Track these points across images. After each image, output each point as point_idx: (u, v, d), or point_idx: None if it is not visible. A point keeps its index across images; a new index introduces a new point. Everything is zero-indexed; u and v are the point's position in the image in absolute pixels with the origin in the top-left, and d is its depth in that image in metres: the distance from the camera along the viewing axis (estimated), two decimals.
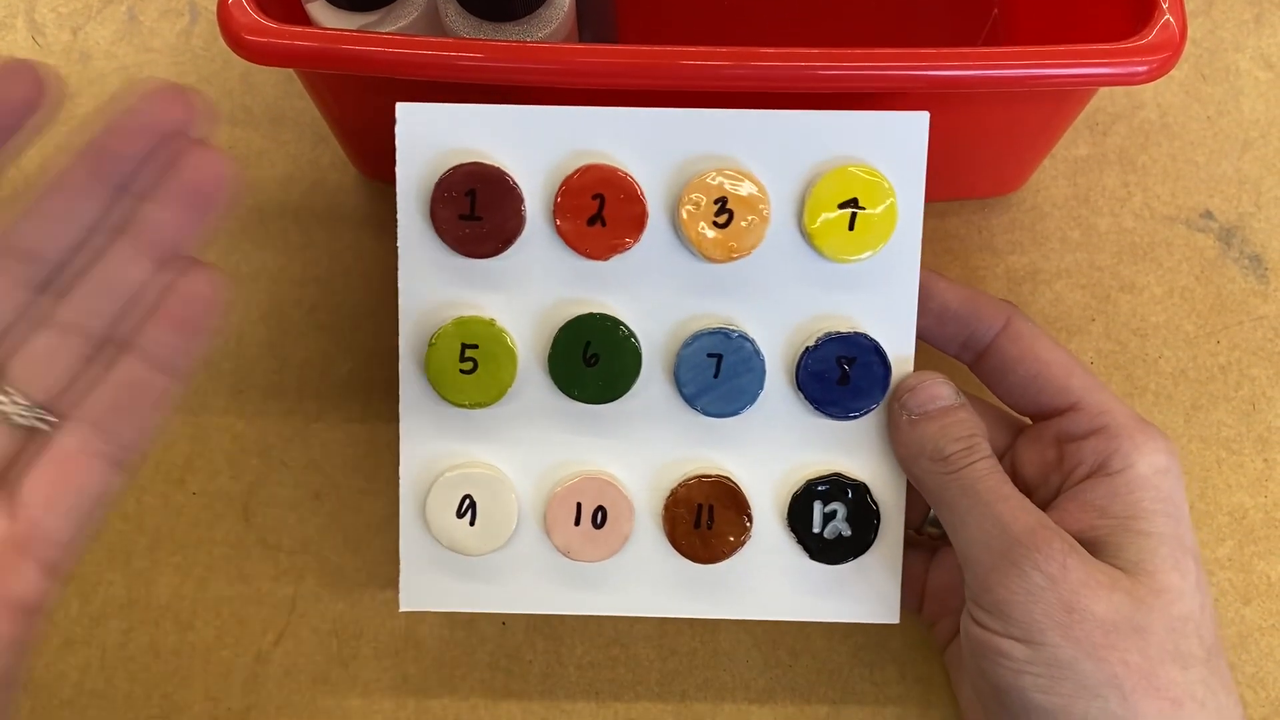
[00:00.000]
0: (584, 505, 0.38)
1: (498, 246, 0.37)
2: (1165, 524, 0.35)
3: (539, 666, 0.42)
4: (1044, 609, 0.33)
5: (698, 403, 0.37)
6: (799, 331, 0.37)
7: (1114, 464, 0.35)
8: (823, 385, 0.37)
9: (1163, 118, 0.49)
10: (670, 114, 0.36)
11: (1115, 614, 0.33)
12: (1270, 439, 0.44)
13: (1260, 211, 0.47)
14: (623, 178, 0.36)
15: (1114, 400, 0.37)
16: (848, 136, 0.36)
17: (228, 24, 0.35)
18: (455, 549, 0.38)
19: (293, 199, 0.48)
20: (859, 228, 0.36)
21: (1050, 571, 0.33)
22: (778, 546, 0.38)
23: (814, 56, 0.35)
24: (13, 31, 0.51)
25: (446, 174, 0.36)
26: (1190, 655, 0.33)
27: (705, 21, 0.49)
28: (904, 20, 0.49)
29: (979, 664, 0.35)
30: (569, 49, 0.36)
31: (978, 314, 0.38)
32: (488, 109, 0.36)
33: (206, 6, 0.51)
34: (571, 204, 0.36)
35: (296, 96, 0.49)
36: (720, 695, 0.42)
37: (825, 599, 0.39)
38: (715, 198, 0.36)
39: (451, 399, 0.37)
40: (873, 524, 0.38)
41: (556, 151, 0.36)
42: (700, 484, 0.38)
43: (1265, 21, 0.50)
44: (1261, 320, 0.46)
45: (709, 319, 0.37)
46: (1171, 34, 0.35)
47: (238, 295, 0.47)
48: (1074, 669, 0.33)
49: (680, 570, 0.38)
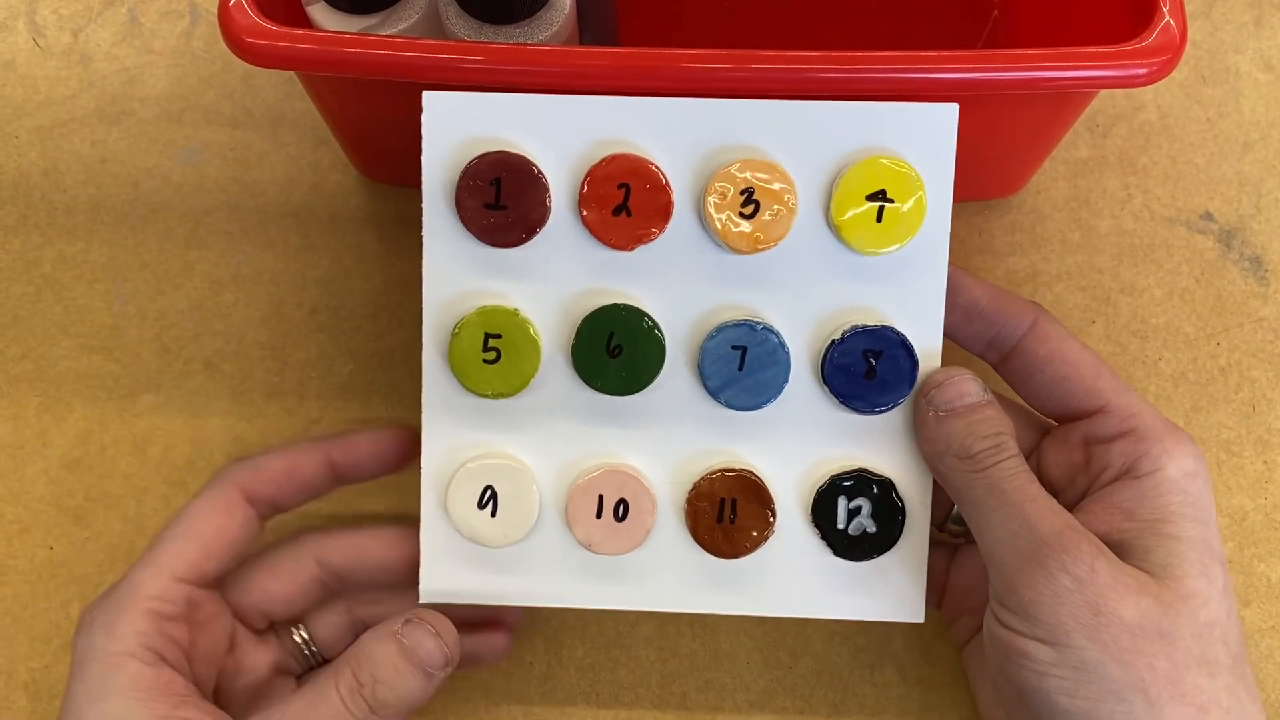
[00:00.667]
0: (606, 498, 0.38)
1: (522, 236, 0.37)
2: (1193, 528, 0.34)
3: (539, 668, 0.42)
4: (1071, 611, 0.33)
5: (722, 395, 0.37)
6: (825, 324, 0.37)
7: (1143, 467, 0.35)
8: (849, 379, 0.37)
9: (1163, 119, 0.49)
10: (697, 104, 0.36)
11: (1142, 618, 0.33)
12: (1270, 441, 0.44)
13: (1260, 213, 0.47)
14: (649, 167, 0.36)
15: (1142, 403, 0.37)
16: (876, 127, 0.36)
17: (228, 27, 0.35)
18: (476, 540, 0.38)
19: (293, 201, 0.48)
20: (887, 220, 0.36)
21: (1078, 574, 0.33)
22: (801, 542, 0.38)
23: (814, 59, 0.35)
24: (13, 33, 0.51)
25: (472, 163, 0.36)
26: (1217, 662, 0.33)
27: (706, 24, 0.49)
28: (904, 22, 0.49)
29: (1003, 665, 0.34)
30: (570, 52, 0.36)
31: (1005, 313, 0.38)
32: (514, 98, 0.36)
33: (207, 9, 0.51)
34: (597, 193, 0.36)
35: (297, 98, 0.49)
36: (720, 697, 0.42)
37: (848, 596, 0.38)
38: (742, 188, 0.36)
39: (474, 389, 0.37)
40: (898, 521, 0.37)
41: (582, 141, 0.36)
42: (723, 478, 0.37)
43: (1265, 23, 0.50)
44: (1261, 322, 0.46)
45: (734, 311, 0.37)
46: (1172, 36, 0.35)
47: (238, 296, 0.47)
48: (1100, 672, 0.32)
49: (702, 565, 0.38)
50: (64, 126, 0.49)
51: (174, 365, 0.46)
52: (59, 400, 0.45)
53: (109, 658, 0.35)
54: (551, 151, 0.36)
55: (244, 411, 0.45)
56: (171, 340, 0.46)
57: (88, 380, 0.46)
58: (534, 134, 0.36)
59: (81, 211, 0.48)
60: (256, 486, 0.39)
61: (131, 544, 0.44)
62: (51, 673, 0.42)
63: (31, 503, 0.44)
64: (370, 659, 0.36)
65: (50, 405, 0.45)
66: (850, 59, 0.35)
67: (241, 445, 0.45)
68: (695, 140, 0.36)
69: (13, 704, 0.42)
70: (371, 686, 0.35)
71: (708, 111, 0.36)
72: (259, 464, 0.39)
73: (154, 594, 0.36)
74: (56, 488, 0.44)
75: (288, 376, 0.46)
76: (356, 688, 0.35)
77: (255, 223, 0.48)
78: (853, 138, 0.36)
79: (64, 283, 0.47)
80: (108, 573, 0.43)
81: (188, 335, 0.46)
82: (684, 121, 0.36)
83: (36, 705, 0.42)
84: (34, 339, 0.46)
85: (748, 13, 0.49)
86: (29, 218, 0.48)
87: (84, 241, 0.47)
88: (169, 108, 0.49)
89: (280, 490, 0.39)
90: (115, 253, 0.47)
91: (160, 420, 0.45)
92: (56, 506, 0.44)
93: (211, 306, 0.46)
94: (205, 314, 0.46)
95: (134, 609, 0.36)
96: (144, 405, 0.45)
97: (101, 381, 0.46)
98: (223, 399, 0.45)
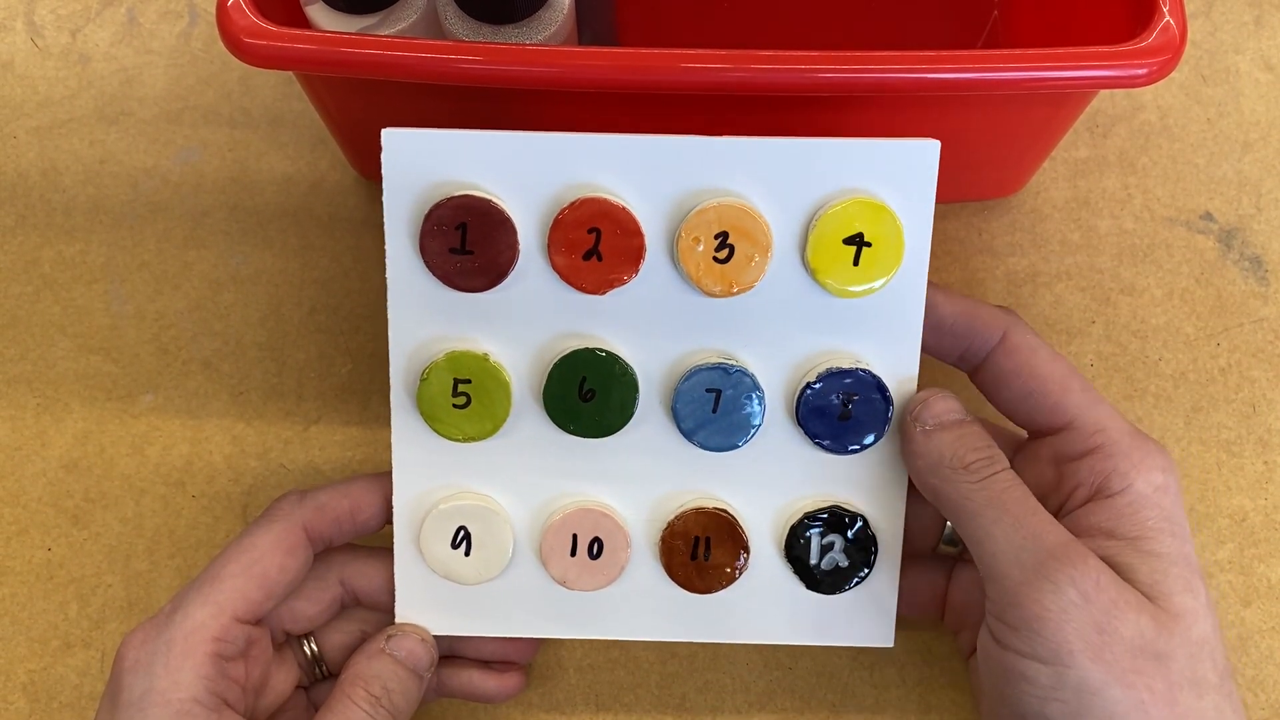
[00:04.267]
0: (580, 536, 0.38)
1: (490, 281, 0.36)
2: (1172, 543, 0.34)
3: (538, 670, 0.42)
4: (1075, 628, 0.32)
5: (696, 437, 0.37)
6: (800, 367, 0.37)
7: (1113, 485, 0.35)
8: (823, 420, 0.37)
9: (1163, 120, 0.48)
10: (670, 141, 0.35)
11: (1140, 638, 0.32)
12: (1270, 441, 0.44)
13: (1260, 213, 0.47)
14: (620, 210, 0.35)
15: (1110, 415, 0.36)
16: (854, 166, 0.35)
17: (227, 27, 0.35)
18: (450, 578, 0.38)
19: (292, 201, 0.48)
20: (864, 263, 0.35)
21: (1085, 588, 0.32)
22: (775, 577, 0.38)
23: (814, 59, 0.35)
24: (12, 33, 0.51)
25: (436, 206, 0.35)
26: (1205, 681, 0.33)
27: (705, 24, 0.49)
28: (904, 22, 0.49)
29: (999, 688, 0.34)
30: (568, 52, 0.36)
31: (974, 327, 0.37)
32: (479, 136, 0.35)
33: (206, 9, 0.51)
34: (565, 238, 0.35)
35: (295, 99, 0.49)
36: (720, 698, 0.42)
37: (821, 625, 0.39)
38: (716, 232, 0.35)
39: (444, 433, 0.37)
40: (870, 555, 0.38)
41: (551, 182, 0.35)
42: (697, 515, 0.37)
43: (1265, 23, 0.50)
44: (1262, 322, 0.46)
45: (708, 353, 0.37)
46: (1171, 36, 0.35)
47: (236, 297, 0.47)
48: (1102, 695, 0.32)
49: (677, 599, 0.38)
50: (62, 127, 0.49)
51: (173, 366, 0.46)
52: (57, 401, 0.45)
53: (175, 704, 0.34)
54: (520, 193, 0.35)
55: (242, 412, 0.45)
56: (170, 341, 0.46)
57: (86, 381, 0.46)
58: (501, 174, 0.35)
59: (80, 212, 0.48)
60: (320, 526, 0.38)
61: (130, 544, 0.44)
62: (49, 674, 0.42)
63: (30, 504, 0.44)
64: (377, 675, 0.37)
65: (49, 406, 0.45)
66: (850, 59, 0.35)
67: (240, 446, 0.45)
68: (668, 181, 0.35)
69: (11, 704, 0.42)
70: (387, 696, 0.36)
71: (681, 150, 0.35)
72: (323, 503, 0.38)
73: (217, 635, 0.35)
74: (55, 489, 0.44)
75: (286, 377, 0.46)
76: (375, 700, 0.36)
77: (254, 223, 0.48)
78: (830, 177, 0.35)
79: (62, 283, 0.47)
80: (106, 573, 0.43)
81: (186, 336, 0.46)
82: (657, 161, 0.35)
83: (35, 706, 0.42)
84: (32, 340, 0.46)
85: (747, 13, 0.49)
86: (27, 218, 0.48)
87: (82, 242, 0.47)
88: (167, 108, 0.49)
89: (339, 531, 0.38)
90: (114, 253, 0.47)
91: (159, 421, 0.45)
92: (55, 507, 0.44)
93: (210, 307, 0.46)
94: (204, 314, 0.46)
95: (198, 652, 0.35)
96: (142, 406, 0.45)
97: (100, 382, 0.46)
98: (221, 399, 0.45)
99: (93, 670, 0.42)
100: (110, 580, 0.43)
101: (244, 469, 0.44)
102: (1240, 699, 0.34)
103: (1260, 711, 0.41)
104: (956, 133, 0.41)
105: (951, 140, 0.36)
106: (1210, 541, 0.43)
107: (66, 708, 0.42)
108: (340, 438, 0.45)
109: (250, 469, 0.44)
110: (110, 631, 0.43)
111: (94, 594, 0.43)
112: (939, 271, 0.46)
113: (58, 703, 0.42)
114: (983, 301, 0.38)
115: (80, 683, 0.42)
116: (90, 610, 0.43)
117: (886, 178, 0.35)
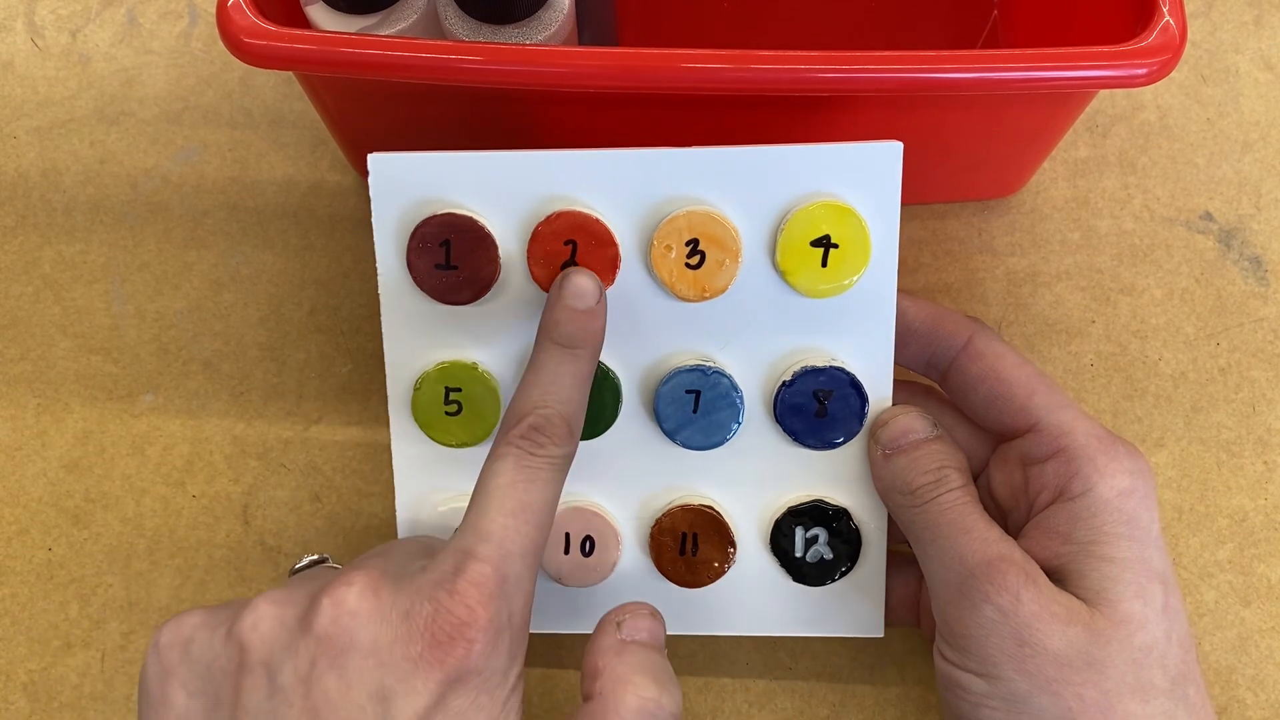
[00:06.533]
0: (572, 535, 0.39)
1: (475, 294, 0.37)
2: (1128, 548, 0.34)
3: (539, 670, 0.42)
4: (997, 642, 0.33)
5: (678, 437, 0.38)
6: (775, 366, 0.38)
7: (1074, 488, 0.35)
8: (801, 418, 0.38)
9: (1163, 119, 0.48)
10: (639, 154, 0.36)
11: (1069, 648, 0.33)
12: (1270, 441, 0.44)
13: (1260, 213, 0.47)
14: (594, 222, 0.36)
15: (1078, 419, 0.36)
16: (819, 170, 0.36)
17: (227, 27, 0.35)
18: None
19: (292, 201, 0.48)
20: (832, 264, 0.36)
21: (1001, 604, 0.33)
22: (762, 570, 0.39)
23: (814, 59, 0.35)
24: (12, 34, 0.51)
25: (420, 225, 0.36)
26: (1151, 686, 0.33)
27: (705, 24, 0.49)
28: (904, 22, 0.49)
29: (944, 695, 0.35)
30: (568, 52, 0.36)
31: (939, 333, 0.38)
32: (460, 157, 0.36)
33: (206, 9, 0.51)
34: (543, 250, 0.36)
35: (296, 99, 0.49)
36: (720, 697, 0.42)
37: (810, 616, 0.40)
38: (687, 239, 0.36)
39: (439, 439, 0.38)
40: (854, 547, 0.38)
41: (529, 197, 0.36)
42: (684, 512, 0.38)
43: (1265, 23, 0.50)
44: (1261, 322, 0.46)
45: (686, 356, 0.38)
46: (1171, 36, 0.35)
47: (237, 297, 0.47)
48: (1029, 704, 0.33)
49: (667, 593, 0.39)
50: (63, 127, 0.49)
51: (173, 366, 0.46)
52: (58, 401, 0.45)
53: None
54: (499, 209, 0.37)
55: (243, 412, 0.45)
56: (170, 341, 0.46)
57: (87, 381, 0.46)
58: (481, 192, 0.36)
59: (80, 212, 0.48)
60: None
61: (130, 544, 0.44)
62: (50, 674, 0.42)
63: (30, 504, 0.44)
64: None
65: (49, 406, 0.45)
66: (850, 59, 0.35)
67: (240, 446, 0.45)
68: (639, 192, 0.36)
69: (11, 704, 0.42)
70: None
71: (651, 162, 0.36)
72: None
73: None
74: (55, 489, 0.44)
75: (286, 377, 0.46)
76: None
77: (254, 223, 0.48)
78: (796, 182, 0.36)
79: (63, 283, 0.47)
80: (106, 573, 0.43)
81: (187, 336, 0.46)
82: (628, 173, 0.36)
83: (35, 706, 0.42)
84: (33, 340, 0.46)
85: (747, 13, 0.49)
86: (28, 218, 0.48)
87: (83, 242, 0.47)
88: (168, 108, 0.49)
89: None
90: (114, 253, 0.47)
91: (159, 421, 0.45)
92: (55, 507, 0.44)
93: (210, 307, 0.46)
94: (204, 314, 0.46)
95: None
96: (143, 406, 0.45)
97: (100, 382, 0.46)
98: (222, 399, 0.45)
99: (93, 670, 0.42)
100: (110, 580, 0.43)
101: (244, 469, 0.44)
102: (1210, 702, 0.34)
103: (1261, 711, 0.41)
104: (957, 132, 0.41)
105: (951, 140, 0.36)
106: (1210, 541, 0.43)
107: (66, 708, 0.42)
108: (340, 438, 0.45)
109: (250, 469, 0.44)
110: (110, 631, 0.43)
111: (94, 594, 0.43)
112: (939, 271, 0.46)
113: (58, 703, 0.42)
114: (950, 309, 0.39)
115: (80, 683, 0.42)
116: (90, 610, 0.43)
117: (851, 180, 0.36)
